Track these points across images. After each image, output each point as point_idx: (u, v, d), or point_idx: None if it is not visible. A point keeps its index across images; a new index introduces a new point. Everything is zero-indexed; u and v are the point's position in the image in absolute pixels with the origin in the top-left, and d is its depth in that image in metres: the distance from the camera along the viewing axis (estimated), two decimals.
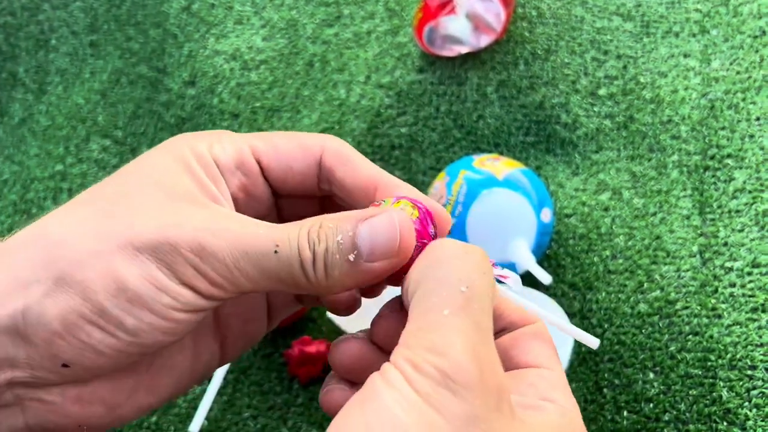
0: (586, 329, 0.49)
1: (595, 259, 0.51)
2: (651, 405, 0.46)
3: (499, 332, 0.29)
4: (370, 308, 0.37)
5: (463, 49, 0.57)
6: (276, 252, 0.26)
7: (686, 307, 0.48)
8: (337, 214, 0.27)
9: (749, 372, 0.46)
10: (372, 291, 0.31)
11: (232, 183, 0.30)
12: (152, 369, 0.29)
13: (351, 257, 0.26)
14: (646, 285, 0.49)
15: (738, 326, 0.47)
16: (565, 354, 0.47)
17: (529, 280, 0.49)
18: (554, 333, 0.46)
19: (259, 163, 0.30)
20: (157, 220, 0.26)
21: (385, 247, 0.26)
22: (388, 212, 0.27)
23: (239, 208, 0.31)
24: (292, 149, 0.30)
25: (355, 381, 0.29)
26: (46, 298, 0.25)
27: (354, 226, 0.26)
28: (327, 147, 0.30)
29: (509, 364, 0.28)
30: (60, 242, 0.25)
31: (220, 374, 0.49)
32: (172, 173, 0.28)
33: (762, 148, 0.52)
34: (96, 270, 0.25)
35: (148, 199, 0.27)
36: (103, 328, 0.25)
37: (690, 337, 0.47)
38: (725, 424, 0.45)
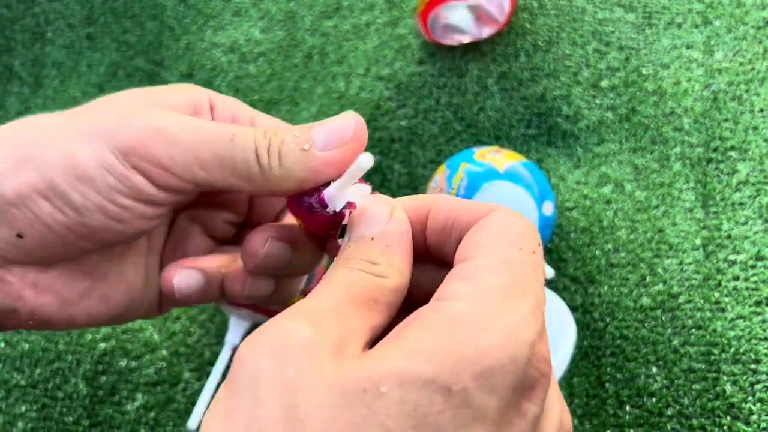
0: (587, 323, 0.49)
1: (597, 252, 0.51)
2: (654, 399, 0.46)
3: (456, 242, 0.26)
4: None
5: (465, 39, 0.57)
6: (232, 140, 0.27)
7: (689, 301, 0.48)
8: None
9: (753, 366, 0.45)
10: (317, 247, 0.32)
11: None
12: (106, 279, 0.31)
13: (306, 146, 0.27)
14: (648, 278, 0.49)
15: (742, 320, 0.47)
16: (567, 349, 0.47)
17: None
18: (557, 325, 0.46)
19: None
20: (122, 113, 0.28)
21: (339, 134, 0.27)
22: (343, 113, 0.28)
23: None
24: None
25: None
26: (6, 172, 0.27)
27: (309, 128, 0.28)
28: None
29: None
30: (31, 127, 0.28)
31: (218, 370, 0.49)
32: (157, 93, 0.30)
33: (765, 140, 0.51)
34: (55, 149, 0.27)
35: (122, 105, 0.29)
36: (52, 202, 0.27)
37: (693, 330, 0.47)
38: (729, 418, 0.44)
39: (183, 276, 0.31)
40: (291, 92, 0.61)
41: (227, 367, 0.51)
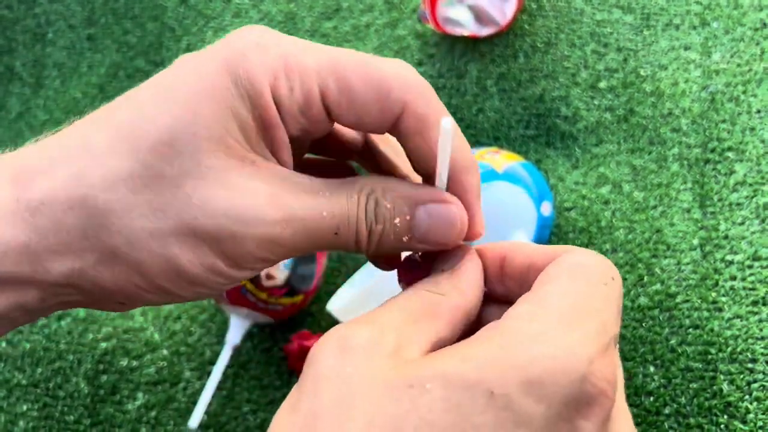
0: None
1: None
2: (651, 398, 0.46)
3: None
4: (374, 299, 0.37)
5: (465, 32, 0.57)
6: (336, 234, 0.26)
7: (687, 301, 0.48)
8: (396, 188, 0.27)
9: (750, 365, 0.45)
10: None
11: (292, 127, 0.27)
12: None
13: (405, 239, 0.27)
14: (646, 278, 0.49)
15: (738, 319, 0.47)
16: None
17: None
18: None
19: (327, 107, 0.27)
20: (216, 202, 0.24)
21: (440, 237, 0.27)
22: (449, 203, 0.27)
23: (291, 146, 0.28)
24: (368, 101, 0.26)
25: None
26: (100, 265, 0.25)
27: (412, 208, 0.27)
28: (410, 108, 0.26)
29: None
30: (109, 212, 0.24)
31: (219, 369, 0.49)
32: (220, 115, 0.25)
33: (762, 141, 0.52)
34: (152, 253, 0.24)
35: (201, 158, 0.24)
36: (155, 294, 0.26)
37: (690, 330, 0.47)
38: (726, 417, 0.45)
39: None
40: None
41: (228, 366, 0.51)
